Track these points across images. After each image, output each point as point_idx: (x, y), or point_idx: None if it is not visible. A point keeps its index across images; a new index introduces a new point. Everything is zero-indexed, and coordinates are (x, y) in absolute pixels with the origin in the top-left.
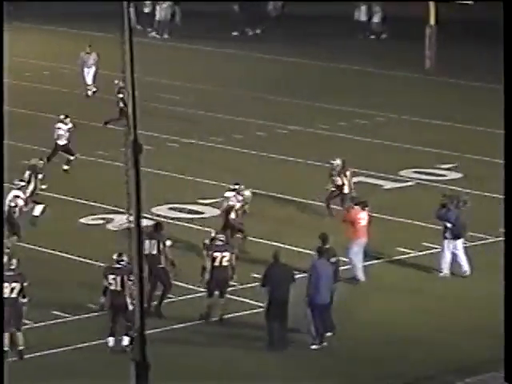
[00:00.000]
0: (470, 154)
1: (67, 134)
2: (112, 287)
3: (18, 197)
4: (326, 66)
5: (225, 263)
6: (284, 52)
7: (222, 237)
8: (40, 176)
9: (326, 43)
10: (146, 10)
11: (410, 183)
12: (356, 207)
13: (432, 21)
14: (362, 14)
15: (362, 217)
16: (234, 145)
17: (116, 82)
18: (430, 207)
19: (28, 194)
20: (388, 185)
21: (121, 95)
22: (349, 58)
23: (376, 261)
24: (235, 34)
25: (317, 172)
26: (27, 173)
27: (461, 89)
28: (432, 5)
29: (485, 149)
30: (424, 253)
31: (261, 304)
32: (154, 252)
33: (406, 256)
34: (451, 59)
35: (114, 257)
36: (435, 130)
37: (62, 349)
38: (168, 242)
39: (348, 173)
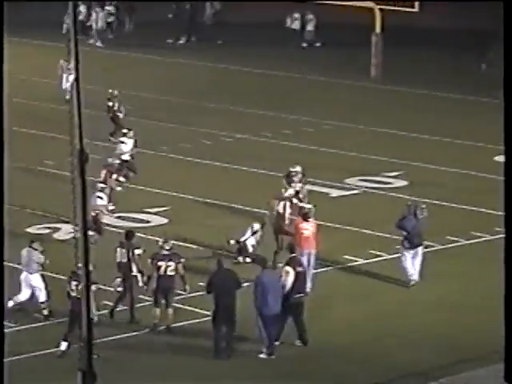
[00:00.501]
0: (415, 161)
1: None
2: (73, 293)
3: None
4: (268, 74)
5: (169, 273)
6: (220, 60)
7: (167, 246)
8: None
9: (264, 51)
10: (80, 17)
11: (356, 191)
12: (298, 218)
13: (378, 28)
14: (294, 22)
15: (305, 227)
16: (179, 153)
17: (110, 90)
18: (377, 215)
19: None
20: (334, 193)
21: (110, 103)
22: (290, 66)
23: (324, 269)
24: (170, 41)
25: (262, 180)
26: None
27: (406, 96)
28: (378, 13)
29: (430, 156)
30: (371, 260)
31: (207, 312)
32: (125, 260)
33: (354, 264)
34: (397, 67)
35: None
36: (381, 138)
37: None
38: (138, 251)
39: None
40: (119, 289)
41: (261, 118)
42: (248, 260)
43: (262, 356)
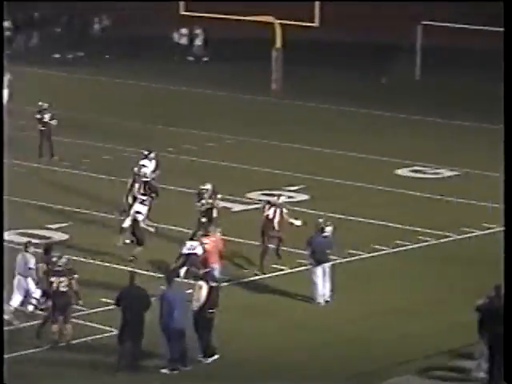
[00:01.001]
0: (317, 175)
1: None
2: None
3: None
4: (161, 89)
5: (62, 288)
6: (112, 74)
7: (61, 262)
8: None
9: (157, 66)
10: None
11: (258, 205)
12: (199, 234)
13: (278, 43)
14: (182, 37)
15: (207, 242)
16: (78, 168)
17: (40, 103)
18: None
19: None
20: (236, 207)
21: (39, 116)
22: (185, 81)
23: (226, 283)
24: (57, 56)
25: (164, 194)
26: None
27: (308, 111)
28: (278, 28)
29: (332, 170)
30: (272, 275)
31: (109, 328)
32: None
33: (256, 278)
34: (298, 81)
35: None
36: (283, 152)
37: None
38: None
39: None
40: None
41: (161, 132)
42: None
43: (164, 371)
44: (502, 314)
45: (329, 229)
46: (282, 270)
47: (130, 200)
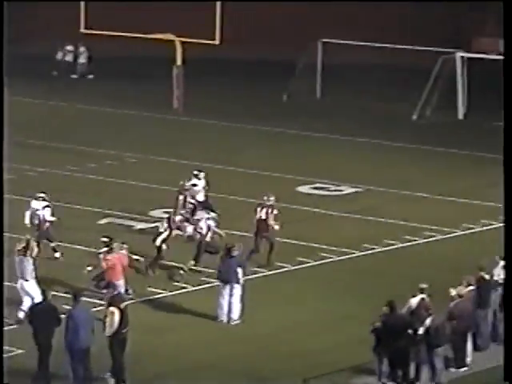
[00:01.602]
0: (221, 193)
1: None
2: None
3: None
4: (53, 105)
5: None
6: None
7: None
8: None
9: (43, 83)
10: None
11: (159, 223)
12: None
13: (179, 61)
14: (67, 54)
15: (110, 258)
16: None
17: None
18: (183, 247)
19: None
20: (139, 225)
21: None
22: (77, 99)
23: (130, 301)
24: None
25: (67, 213)
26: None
27: (209, 128)
28: (179, 45)
29: (235, 188)
30: (176, 292)
31: (13, 349)
32: None
33: (158, 296)
34: (199, 99)
35: None
36: (184, 170)
37: None
38: None
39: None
40: None
41: (64, 151)
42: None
43: None
44: (399, 328)
45: (237, 249)
46: (184, 287)
47: (178, 217)
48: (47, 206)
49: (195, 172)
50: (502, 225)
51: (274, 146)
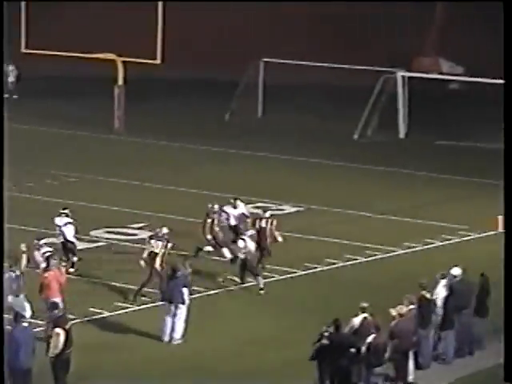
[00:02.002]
0: (161, 213)
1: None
2: None
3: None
4: None
5: None
6: None
7: None
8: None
9: None
10: None
11: (101, 243)
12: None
13: (120, 80)
14: None
15: (46, 276)
16: None
17: None
18: (122, 266)
19: None
20: (80, 245)
21: None
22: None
23: (73, 321)
24: None
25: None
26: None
27: (151, 148)
28: (120, 65)
29: (176, 208)
30: (115, 313)
31: None
32: None
33: (99, 316)
34: (141, 118)
35: None
36: (125, 190)
37: None
38: None
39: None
40: None
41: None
42: None
43: None
44: (343, 347)
45: (182, 269)
46: (127, 307)
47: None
48: (69, 223)
49: (232, 200)
50: (444, 243)
51: (215, 165)
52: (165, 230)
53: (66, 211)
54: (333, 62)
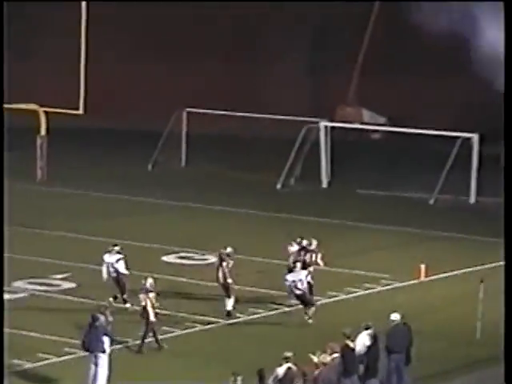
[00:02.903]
0: (84, 263)
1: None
2: None
3: None
4: None
5: None
6: None
7: None
8: None
9: None
10: None
11: (23, 294)
12: None
13: (43, 131)
14: None
15: None
16: None
17: None
18: (47, 317)
19: None
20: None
21: None
22: None
23: None
24: None
25: None
26: None
27: (74, 198)
28: (42, 115)
29: (99, 258)
30: (41, 363)
31: None
32: None
33: (22, 368)
34: (64, 169)
35: None
36: (48, 240)
37: None
38: None
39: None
40: None
41: None
42: None
43: None
44: None
45: (102, 318)
46: (47, 358)
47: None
48: (120, 259)
49: (298, 240)
50: (366, 292)
51: (139, 216)
52: (150, 281)
53: (116, 248)
54: (257, 112)
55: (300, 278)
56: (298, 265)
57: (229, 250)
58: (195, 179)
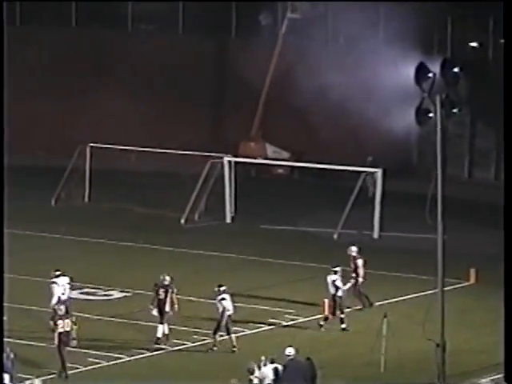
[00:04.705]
0: None
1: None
2: None
3: None
4: None
5: None
6: None
7: None
8: None
9: None
10: None
11: None
12: None
13: None
14: None
15: None
16: None
17: None
18: None
19: None
20: None
21: None
22: None
23: None
24: None
25: None
26: None
27: None
28: None
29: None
30: None
31: None
32: None
33: None
34: None
35: None
36: None
37: None
38: None
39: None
40: None
41: None
42: None
43: None
44: None
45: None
46: None
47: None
48: (223, 299)
49: (334, 269)
50: (271, 327)
51: (41, 251)
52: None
53: (223, 288)
54: (159, 147)
55: None
56: None
57: (167, 278)
58: (98, 215)
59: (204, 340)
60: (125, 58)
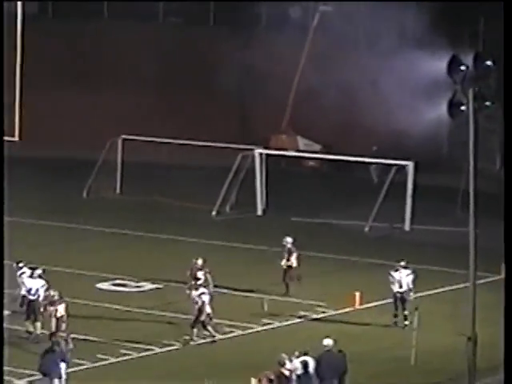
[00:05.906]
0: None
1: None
2: None
3: None
4: None
5: None
6: None
7: None
8: None
9: None
10: None
11: None
12: None
13: None
14: None
15: None
16: None
17: None
18: None
19: None
20: None
21: None
22: None
23: None
24: None
25: None
26: None
27: (10, 227)
28: None
29: None
30: None
31: None
32: None
33: None
34: None
35: None
36: None
37: None
38: None
39: None
40: None
41: None
42: None
43: None
44: None
45: (63, 345)
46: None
47: None
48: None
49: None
50: (301, 320)
51: (73, 243)
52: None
53: None
54: (191, 140)
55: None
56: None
57: (200, 261)
58: (130, 207)
59: (234, 332)
60: (153, 51)
